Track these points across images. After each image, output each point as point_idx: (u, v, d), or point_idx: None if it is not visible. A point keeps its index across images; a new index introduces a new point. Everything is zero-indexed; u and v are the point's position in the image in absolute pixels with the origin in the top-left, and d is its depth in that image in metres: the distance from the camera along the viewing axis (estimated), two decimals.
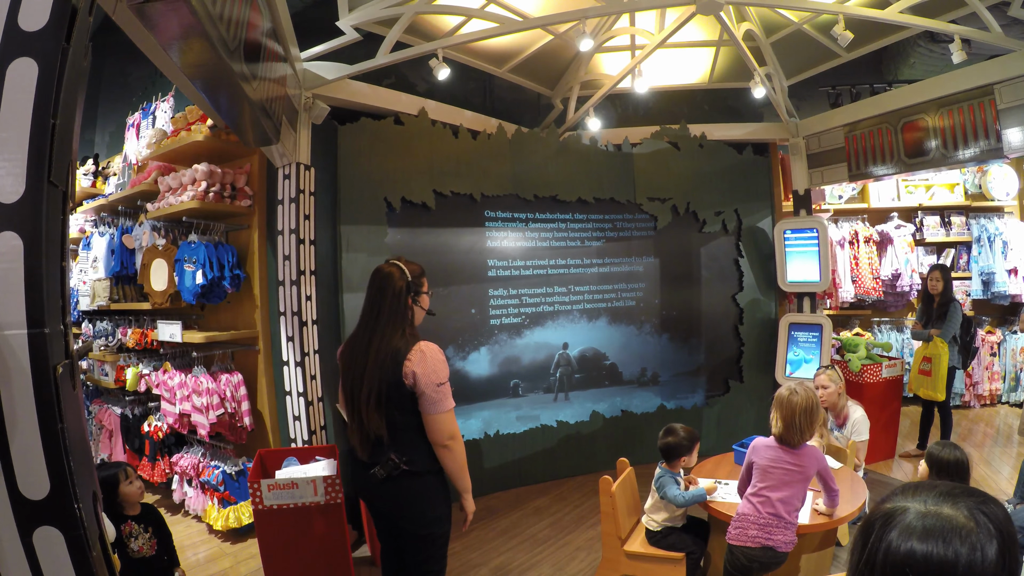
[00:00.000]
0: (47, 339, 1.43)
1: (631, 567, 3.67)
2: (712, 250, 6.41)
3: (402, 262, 2.72)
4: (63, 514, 1.47)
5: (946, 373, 5.58)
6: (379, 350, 2.58)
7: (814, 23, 5.26)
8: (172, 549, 3.52)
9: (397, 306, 2.64)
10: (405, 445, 2.62)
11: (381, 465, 2.61)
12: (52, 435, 1.44)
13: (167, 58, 2.59)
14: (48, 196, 1.43)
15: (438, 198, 5.21)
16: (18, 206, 1.39)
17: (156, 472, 5.22)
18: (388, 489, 2.64)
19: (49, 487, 1.45)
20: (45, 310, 1.43)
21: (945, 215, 7.91)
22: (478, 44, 5.21)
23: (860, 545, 1.01)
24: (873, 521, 1.01)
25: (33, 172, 1.40)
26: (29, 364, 1.41)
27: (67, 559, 1.48)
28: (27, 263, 1.40)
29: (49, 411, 1.44)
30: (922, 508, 0.97)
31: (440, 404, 2.57)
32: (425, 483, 2.65)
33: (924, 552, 0.92)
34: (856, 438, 4.33)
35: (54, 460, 1.45)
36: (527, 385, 5.70)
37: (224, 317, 5.00)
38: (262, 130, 3.40)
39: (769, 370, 6.33)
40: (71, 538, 1.47)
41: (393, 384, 2.55)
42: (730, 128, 6.47)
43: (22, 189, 1.39)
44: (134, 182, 5.25)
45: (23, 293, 1.40)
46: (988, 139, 4.92)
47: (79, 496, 1.49)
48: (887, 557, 0.94)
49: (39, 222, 1.42)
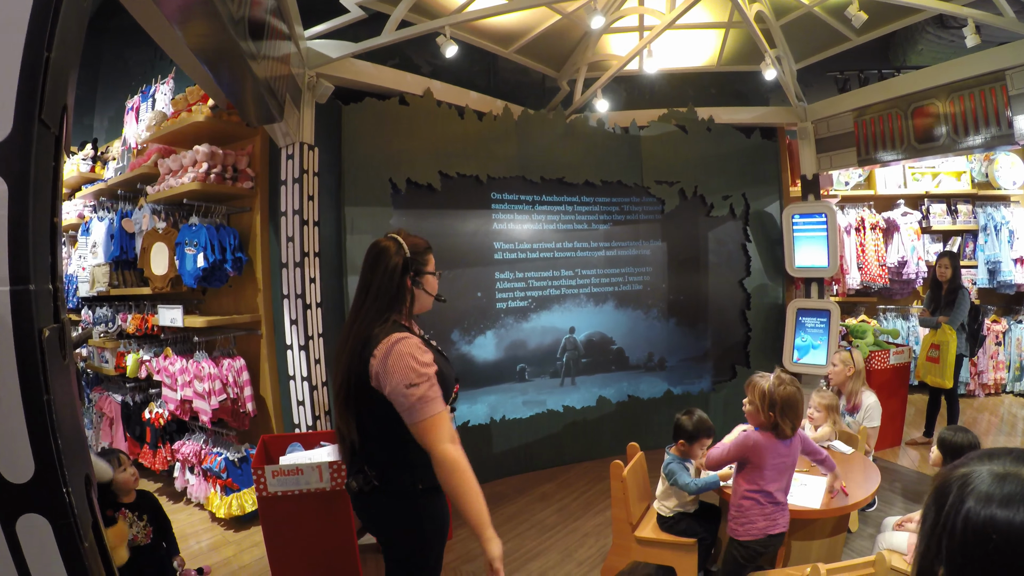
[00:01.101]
0: (32, 297, 1.27)
1: (642, 553, 3.62)
2: (719, 234, 6.34)
3: (402, 235, 2.30)
4: (50, 499, 1.31)
5: (954, 360, 5.54)
6: (355, 337, 2.19)
7: (825, 5, 5.17)
8: (171, 536, 3.46)
9: (388, 286, 2.21)
10: (376, 458, 2.21)
11: (353, 476, 2.23)
12: (36, 408, 1.28)
13: (172, 35, 2.51)
14: (38, 137, 1.27)
15: (444, 180, 5.13)
16: (3, 146, 1.24)
17: (158, 460, 5.16)
18: (363, 505, 2.28)
19: (34, 469, 1.29)
20: (31, 264, 1.27)
21: (952, 203, 7.85)
22: (484, 24, 5.12)
23: (934, 511, 0.99)
24: (948, 486, 0.98)
25: (22, 108, 1.24)
26: (11, 325, 1.25)
27: (55, 550, 1.32)
28: (11, 210, 1.24)
29: (33, 381, 1.27)
30: (1000, 470, 0.95)
31: (415, 411, 2.05)
32: (403, 507, 2.22)
33: (1006, 518, 0.89)
34: (868, 424, 4.29)
35: (39, 437, 1.29)
36: (533, 370, 5.65)
37: (225, 301, 4.93)
38: (266, 108, 3.31)
39: (776, 356, 6.27)
40: (59, 526, 1.32)
41: (360, 382, 2.15)
42: (738, 112, 6.40)
43: (8, 128, 1.24)
44: (133, 165, 5.16)
45: (6, 244, 1.23)
46: (999, 126, 4.87)
47: (68, 479, 1.33)
48: (967, 524, 0.92)
49: (27, 164, 1.25)
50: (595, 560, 3.99)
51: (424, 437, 2.07)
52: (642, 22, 5.66)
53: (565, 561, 4.01)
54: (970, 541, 0.91)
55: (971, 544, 0.91)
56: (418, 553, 2.29)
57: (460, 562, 4.02)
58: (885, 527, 3.48)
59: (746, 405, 3.14)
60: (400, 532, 2.26)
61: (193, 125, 4.45)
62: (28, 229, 1.26)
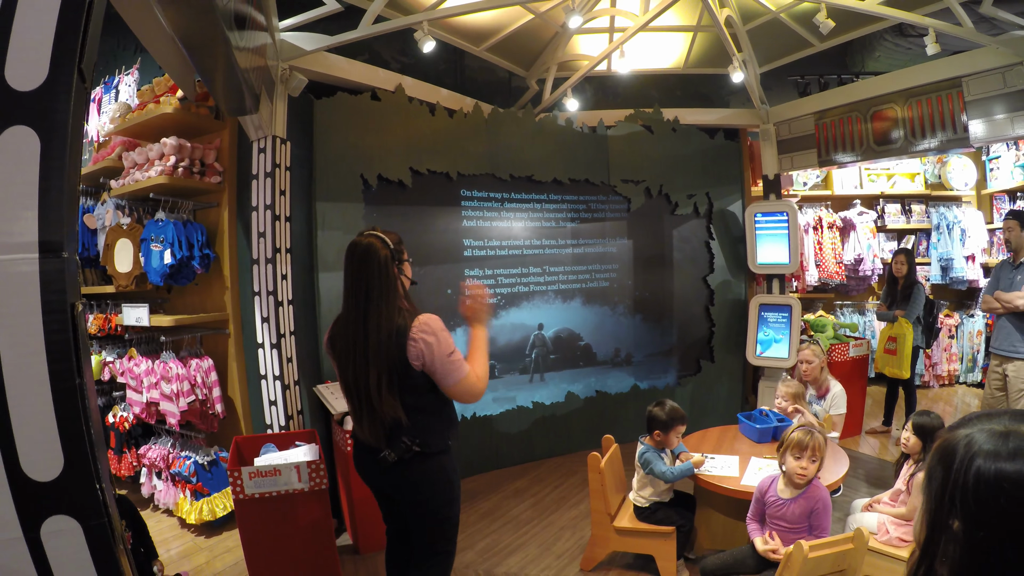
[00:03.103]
0: (64, 267, 1.10)
1: (621, 543, 3.67)
2: (684, 232, 6.45)
3: (379, 231, 2.52)
4: (81, 498, 1.13)
5: (910, 352, 5.75)
6: (379, 330, 2.40)
7: (791, 12, 5.31)
8: (148, 540, 3.36)
9: (387, 279, 2.44)
10: (419, 427, 2.49)
11: (392, 448, 2.47)
12: (68, 395, 1.11)
13: (150, 19, 2.45)
14: (76, 89, 1.10)
15: (414, 176, 5.10)
16: (36, 95, 1.06)
17: (123, 465, 4.99)
18: (398, 472, 2.51)
19: (63, 464, 1.11)
20: (65, 230, 1.10)
21: (906, 203, 8.13)
22: (458, 21, 5.11)
23: (941, 470, 1.05)
24: (954, 446, 1.04)
25: (60, 54, 1.07)
26: (40, 299, 1.08)
27: (87, 557, 1.14)
28: (44, 166, 1.07)
29: (64, 363, 1.11)
30: (1001, 428, 1.02)
31: (454, 375, 2.45)
32: (436, 465, 2.54)
33: (1015, 470, 0.96)
34: (834, 412, 4.41)
35: (69, 428, 1.11)
36: (503, 366, 5.65)
37: (192, 300, 4.82)
38: (242, 99, 3.25)
39: (739, 350, 6.41)
40: (91, 528, 1.14)
41: (401, 366, 2.40)
42: (703, 113, 6.52)
43: (44, 75, 1.07)
44: (96, 158, 5.01)
45: (36, 207, 1.07)
46: (954, 130, 5.07)
47: (100, 474, 1.16)
48: (979, 479, 0.98)
49: (65, 117, 1.07)
50: (574, 552, 4.01)
51: (467, 390, 2.50)
52: (612, 23, 5.72)
53: (544, 555, 4.02)
54: (983, 494, 0.97)
55: (984, 497, 0.97)
56: (449, 505, 2.61)
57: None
58: (854, 509, 3.61)
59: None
60: (439, 488, 2.56)
61: (160, 117, 4.34)
62: (62, 191, 1.09)
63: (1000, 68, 4.69)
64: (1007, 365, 4.58)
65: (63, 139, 1.09)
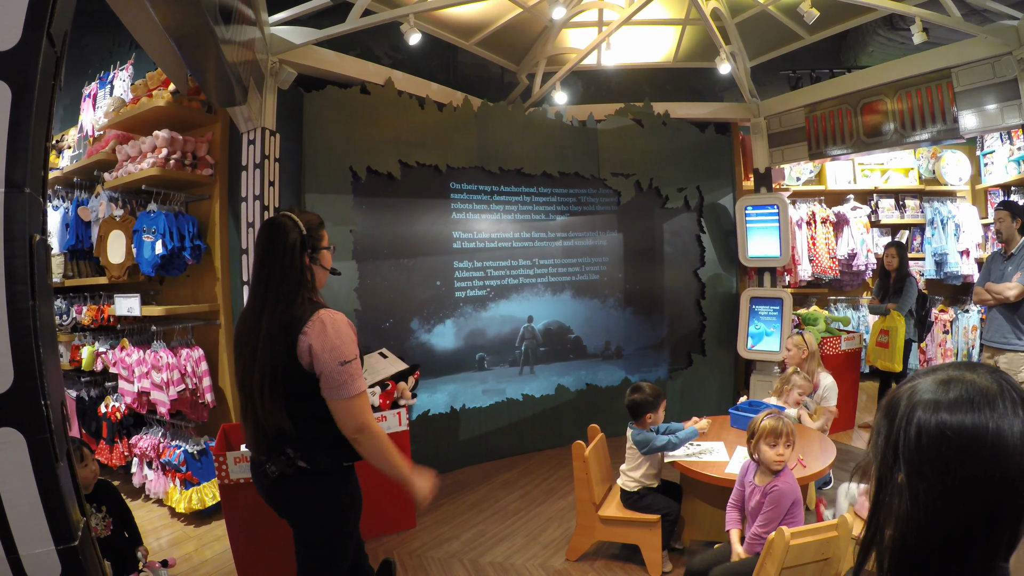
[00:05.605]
0: (26, 201, 1.26)
1: (606, 532, 3.69)
2: (674, 226, 6.48)
3: (295, 212, 2.26)
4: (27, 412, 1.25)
5: (903, 345, 5.76)
6: (270, 322, 2.12)
7: (778, 4, 5.33)
8: (133, 526, 3.39)
9: (291, 266, 2.15)
10: (307, 439, 2.18)
11: (273, 461, 2.17)
12: (20, 314, 1.25)
13: (140, 13, 2.49)
14: (45, 51, 1.30)
15: (403, 169, 5.14)
16: (10, 55, 1.27)
17: (115, 455, 5.04)
18: (280, 490, 2.24)
19: (12, 377, 1.23)
20: (28, 170, 1.27)
21: (900, 198, 8.12)
22: (447, 14, 5.16)
23: (886, 424, 1.04)
24: (897, 399, 1.03)
25: (32, 19, 1.27)
26: (2, 228, 1.24)
27: (28, 469, 1.25)
28: (13, 115, 1.26)
29: (20, 285, 1.25)
30: (943, 376, 1.01)
31: (343, 388, 2.10)
32: (322, 485, 2.23)
33: (956, 421, 0.95)
34: (825, 404, 4.44)
35: (21, 345, 1.24)
36: (493, 359, 5.69)
37: (183, 291, 4.86)
38: (231, 90, 3.30)
39: (731, 344, 6.43)
40: (35, 442, 1.25)
41: (288, 364, 2.10)
42: (693, 107, 6.55)
43: (17, 37, 1.27)
44: (90, 152, 5.06)
45: (4, 147, 1.25)
46: (944, 121, 5.09)
47: (48, 391, 1.28)
48: (920, 430, 0.97)
49: (32, 74, 1.28)
50: (560, 542, 4.04)
51: (350, 411, 2.12)
52: (601, 17, 5.75)
53: (530, 544, 4.05)
54: (925, 445, 0.96)
55: (926, 448, 0.96)
56: (336, 532, 2.31)
57: (425, 549, 4.03)
58: (842, 490, 3.54)
59: None
60: (320, 511, 2.27)
61: (153, 110, 4.39)
62: (29, 136, 1.27)
63: (989, 58, 4.71)
64: (999, 357, 4.58)
65: (31, 93, 1.28)
